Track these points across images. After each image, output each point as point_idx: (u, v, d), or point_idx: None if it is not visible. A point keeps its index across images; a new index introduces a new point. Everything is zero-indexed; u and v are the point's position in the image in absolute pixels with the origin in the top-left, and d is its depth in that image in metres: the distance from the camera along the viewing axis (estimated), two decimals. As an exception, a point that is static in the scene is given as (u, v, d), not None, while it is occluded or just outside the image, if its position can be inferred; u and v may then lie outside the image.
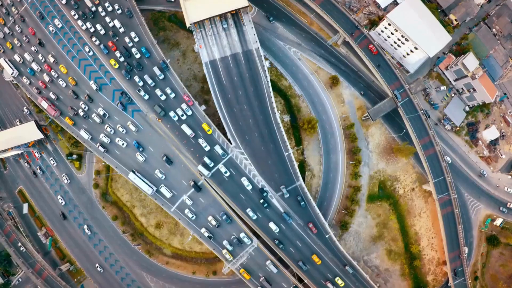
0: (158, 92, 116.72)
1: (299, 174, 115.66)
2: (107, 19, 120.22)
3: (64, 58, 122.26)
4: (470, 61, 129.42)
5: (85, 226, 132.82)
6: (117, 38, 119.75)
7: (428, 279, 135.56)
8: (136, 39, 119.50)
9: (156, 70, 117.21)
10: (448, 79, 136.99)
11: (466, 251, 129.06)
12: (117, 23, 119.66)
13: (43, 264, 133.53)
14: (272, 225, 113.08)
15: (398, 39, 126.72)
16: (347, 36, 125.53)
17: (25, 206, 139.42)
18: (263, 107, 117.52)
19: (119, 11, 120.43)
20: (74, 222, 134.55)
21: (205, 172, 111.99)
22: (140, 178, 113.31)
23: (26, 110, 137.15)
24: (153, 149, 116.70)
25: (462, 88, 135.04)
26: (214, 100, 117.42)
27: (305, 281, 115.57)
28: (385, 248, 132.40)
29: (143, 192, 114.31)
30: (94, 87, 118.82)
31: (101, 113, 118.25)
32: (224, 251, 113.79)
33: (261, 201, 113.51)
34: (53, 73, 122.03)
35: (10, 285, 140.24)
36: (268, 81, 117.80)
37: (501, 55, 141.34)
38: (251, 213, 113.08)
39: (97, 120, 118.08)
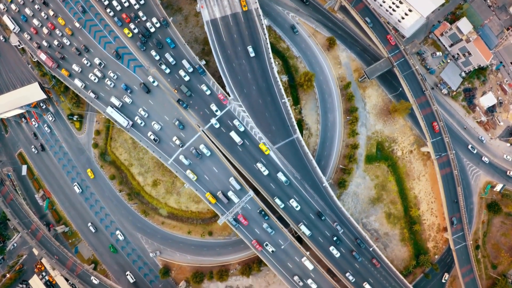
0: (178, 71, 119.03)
1: (296, 127, 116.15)
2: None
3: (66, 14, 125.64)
4: (465, 24, 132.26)
5: (82, 186, 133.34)
6: (138, 20, 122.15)
7: (429, 245, 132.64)
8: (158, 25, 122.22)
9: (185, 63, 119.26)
10: (444, 45, 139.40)
11: (466, 215, 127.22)
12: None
13: (38, 225, 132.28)
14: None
15: (393, 3, 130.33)
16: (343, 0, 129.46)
17: (24, 167, 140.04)
18: (261, 61, 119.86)
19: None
20: (72, 183, 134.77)
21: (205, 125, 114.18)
22: (118, 112, 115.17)
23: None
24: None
25: (457, 54, 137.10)
26: (214, 55, 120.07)
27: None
28: (384, 211, 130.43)
29: (119, 125, 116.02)
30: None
31: (97, 62, 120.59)
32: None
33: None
34: (57, 32, 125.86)
35: (5, 250, 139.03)
36: (266, 38, 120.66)
37: (496, 25, 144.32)
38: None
39: (99, 74, 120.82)
